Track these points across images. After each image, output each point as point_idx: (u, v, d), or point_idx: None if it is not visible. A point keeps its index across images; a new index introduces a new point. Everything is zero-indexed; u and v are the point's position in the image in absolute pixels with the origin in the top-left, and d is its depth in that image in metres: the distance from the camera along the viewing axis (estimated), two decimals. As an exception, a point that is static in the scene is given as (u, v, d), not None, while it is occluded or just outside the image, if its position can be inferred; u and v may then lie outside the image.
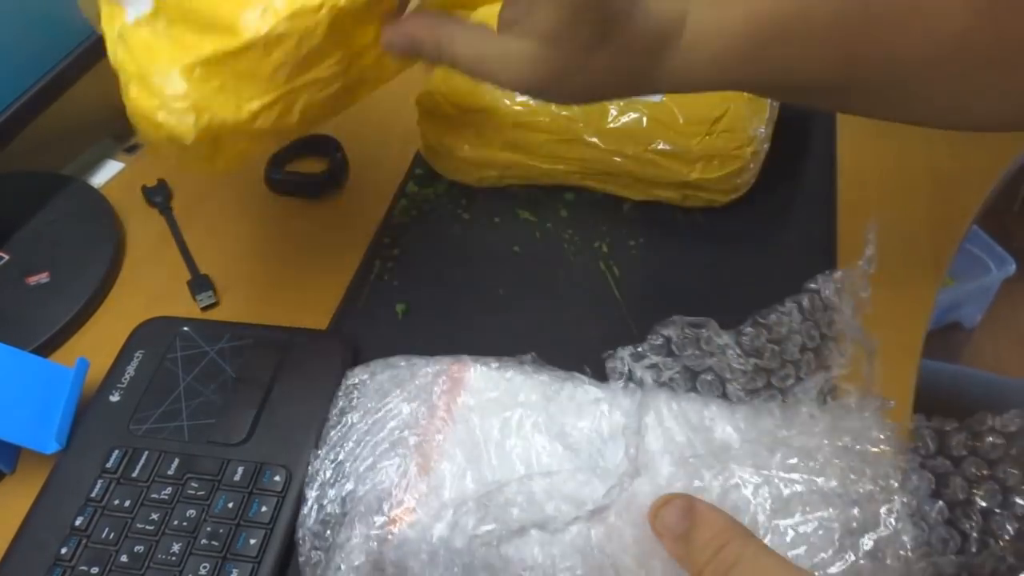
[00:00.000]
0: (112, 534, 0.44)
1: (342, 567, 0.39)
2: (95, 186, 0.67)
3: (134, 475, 0.46)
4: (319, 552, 0.41)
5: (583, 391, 0.45)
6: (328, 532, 0.41)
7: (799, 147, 0.64)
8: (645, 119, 0.56)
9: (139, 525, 0.44)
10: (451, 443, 0.43)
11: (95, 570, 0.43)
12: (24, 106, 0.59)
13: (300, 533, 0.42)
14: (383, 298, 0.56)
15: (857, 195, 0.60)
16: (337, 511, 0.42)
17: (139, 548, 0.43)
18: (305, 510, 0.42)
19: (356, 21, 0.41)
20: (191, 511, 0.45)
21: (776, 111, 0.60)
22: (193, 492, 0.45)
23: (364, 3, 0.40)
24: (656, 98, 0.57)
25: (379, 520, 0.40)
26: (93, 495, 0.46)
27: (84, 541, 0.44)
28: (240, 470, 0.46)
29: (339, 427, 0.45)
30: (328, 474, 0.43)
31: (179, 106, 0.40)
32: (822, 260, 0.56)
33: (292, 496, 0.45)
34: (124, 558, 0.43)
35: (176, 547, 0.43)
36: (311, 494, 0.43)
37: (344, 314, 0.56)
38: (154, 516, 0.44)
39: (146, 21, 0.41)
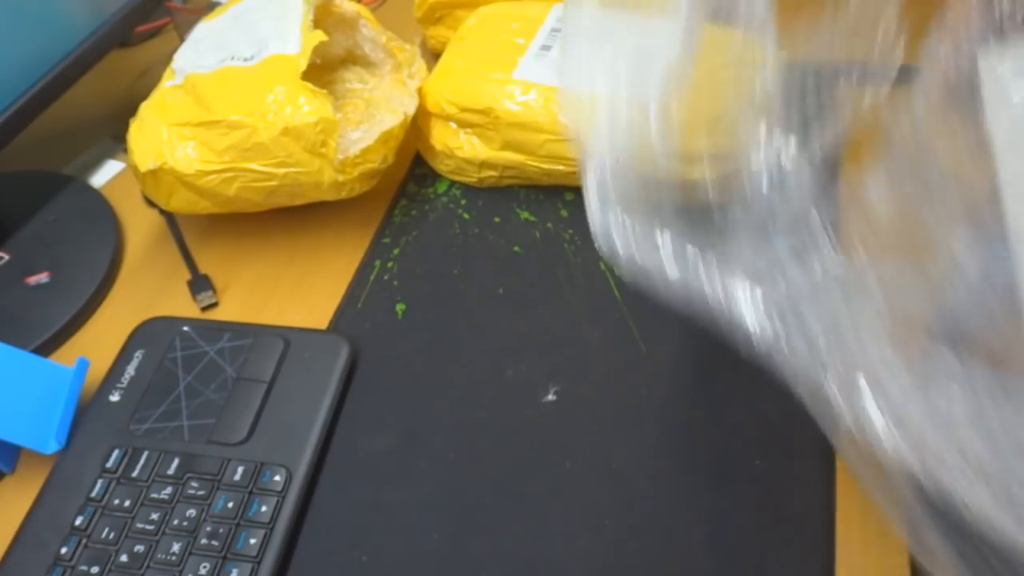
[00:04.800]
0: (112, 534, 0.44)
1: None
2: (95, 186, 0.67)
3: (134, 475, 0.46)
4: None
5: None
6: None
7: (799, 147, 0.64)
8: (645, 119, 0.57)
9: (139, 525, 0.44)
10: None
11: (95, 570, 0.43)
12: (24, 106, 0.59)
13: None
14: (383, 298, 0.56)
15: (857, 195, 0.60)
16: None
17: (139, 548, 0.44)
18: None
19: (296, 140, 0.53)
20: (191, 511, 0.45)
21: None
22: (193, 492, 0.45)
23: (308, 130, 0.53)
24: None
25: None
26: (93, 495, 0.46)
27: (84, 541, 0.44)
28: (240, 470, 0.46)
29: None
30: None
31: (149, 146, 0.55)
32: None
33: (292, 495, 0.45)
34: (124, 558, 0.43)
35: (176, 547, 0.43)
36: None
37: (344, 314, 0.56)
38: (154, 516, 0.45)
39: (174, 87, 0.57)
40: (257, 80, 0.55)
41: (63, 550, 0.44)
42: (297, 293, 0.58)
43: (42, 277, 0.59)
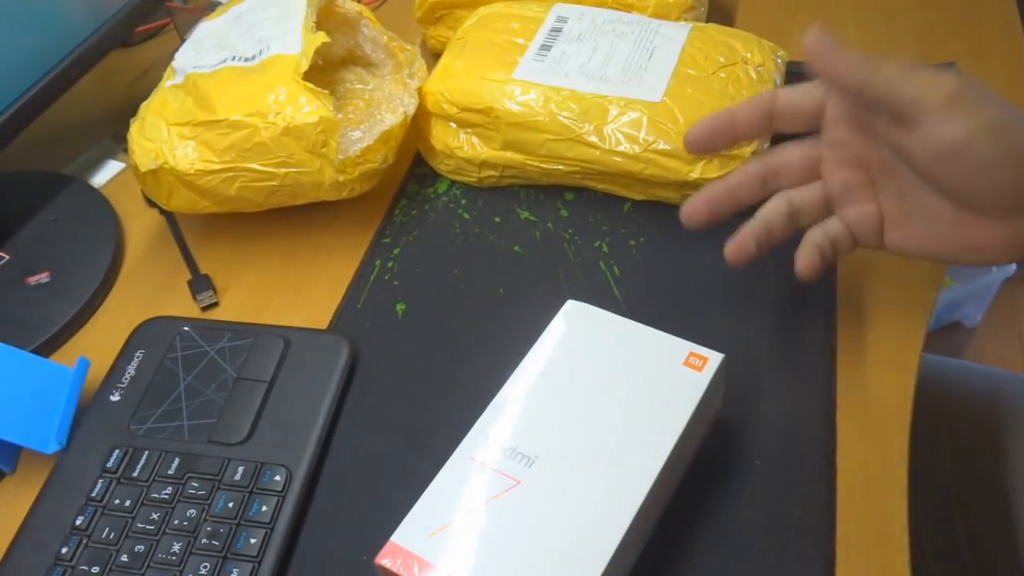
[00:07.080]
0: (112, 534, 0.44)
1: None
2: (95, 186, 0.67)
3: (134, 475, 0.46)
4: None
5: None
6: None
7: (799, 147, 0.63)
8: (645, 119, 0.56)
9: (139, 525, 0.44)
10: None
11: (95, 570, 0.43)
12: (24, 106, 0.59)
13: None
14: (383, 298, 0.56)
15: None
16: None
17: (139, 548, 0.44)
18: None
19: (296, 140, 0.53)
20: (191, 511, 0.45)
21: (776, 111, 0.60)
22: (193, 492, 0.45)
23: (308, 130, 0.53)
24: (656, 98, 0.57)
25: None
26: (93, 495, 0.46)
27: (84, 540, 0.44)
28: (240, 470, 0.46)
29: None
30: None
31: (149, 146, 0.55)
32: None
33: (293, 495, 0.45)
34: (124, 558, 0.43)
35: (176, 547, 0.43)
36: None
37: (344, 314, 0.56)
38: (154, 516, 0.45)
39: (175, 87, 0.57)
40: (258, 80, 0.55)
41: (63, 550, 0.44)
42: (297, 293, 0.58)
43: (42, 277, 0.59)
